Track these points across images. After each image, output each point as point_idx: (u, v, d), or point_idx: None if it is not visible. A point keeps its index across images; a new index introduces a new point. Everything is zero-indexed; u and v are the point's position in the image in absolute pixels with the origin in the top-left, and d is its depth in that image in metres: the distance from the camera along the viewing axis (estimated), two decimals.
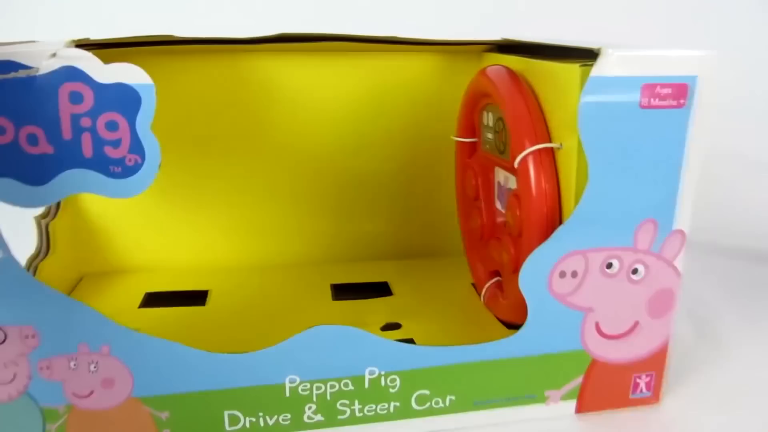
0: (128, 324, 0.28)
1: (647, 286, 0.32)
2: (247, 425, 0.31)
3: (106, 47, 0.32)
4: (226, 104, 0.43)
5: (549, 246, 0.30)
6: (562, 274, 0.31)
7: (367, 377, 0.31)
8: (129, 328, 0.28)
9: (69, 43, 0.26)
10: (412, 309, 0.41)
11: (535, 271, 0.31)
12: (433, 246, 0.49)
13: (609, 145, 0.29)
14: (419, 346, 0.31)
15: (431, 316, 0.40)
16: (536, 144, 0.32)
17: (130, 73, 0.25)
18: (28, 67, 0.25)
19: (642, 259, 0.32)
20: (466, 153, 0.43)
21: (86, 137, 0.26)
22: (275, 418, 0.31)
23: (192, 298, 0.42)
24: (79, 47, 0.26)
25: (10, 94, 0.25)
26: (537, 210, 0.32)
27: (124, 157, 0.26)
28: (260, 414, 0.31)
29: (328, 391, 0.31)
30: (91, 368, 0.28)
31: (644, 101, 0.29)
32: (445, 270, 0.47)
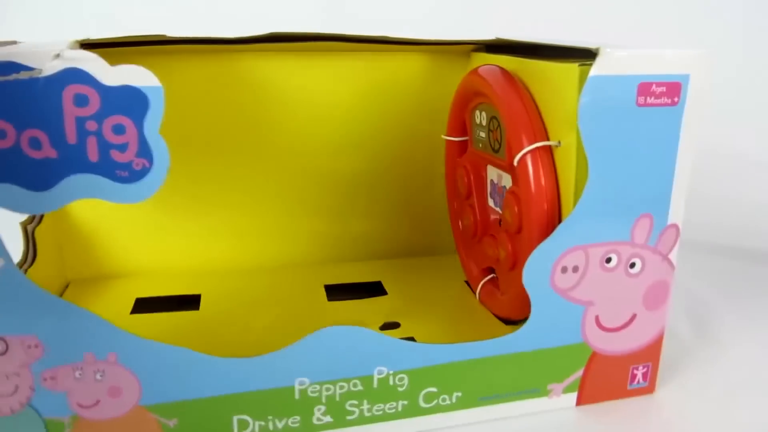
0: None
1: (644, 279, 0.33)
2: (257, 429, 0.30)
3: (97, 47, 0.32)
4: (215, 105, 0.42)
5: (551, 242, 0.31)
6: (564, 270, 0.32)
7: (375, 377, 0.31)
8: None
9: (74, 43, 0.25)
10: (408, 308, 0.41)
11: (538, 267, 0.31)
12: (424, 245, 0.49)
13: (608, 143, 0.30)
14: (427, 344, 0.31)
15: (428, 315, 0.40)
16: (534, 142, 0.33)
17: (137, 75, 0.25)
18: (31, 69, 0.24)
19: (639, 253, 0.33)
20: (456, 152, 0.44)
21: (92, 141, 0.25)
22: (284, 421, 0.31)
23: (184, 302, 0.41)
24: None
25: (11, 97, 0.24)
26: (537, 207, 0.33)
27: (132, 161, 0.25)
28: (269, 417, 0.30)
29: (338, 392, 0.31)
30: (98, 377, 0.28)
31: (640, 100, 0.30)
32: (437, 268, 0.47)
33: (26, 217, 0.40)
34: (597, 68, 0.29)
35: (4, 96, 0.24)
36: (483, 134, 0.39)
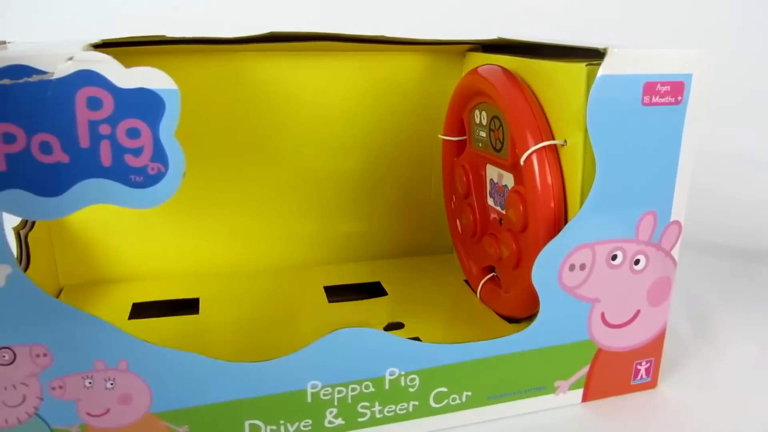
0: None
1: (647, 276, 0.34)
2: None
3: (97, 48, 0.31)
4: (213, 105, 0.42)
5: (560, 240, 0.31)
6: (572, 267, 0.32)
7: (387, 378, 0.31)
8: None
9: (87, 46, 0.25)
10: (410, 308, 0.41)
11: (547, 265, 0.32)
12: (421, 244, 0.49)
13: (614, 142, 0.31)
14: (438, 344, 0.31)
15: (430, 314, 0.40)
16: (540, 141, 0.33)
17: (152, 77, 0.24)
18: (42, 72, 0.23)
19: (643, 250, 0.33)
20: (453, 151, 0.44)
21: (105, 145, 0.24)
22: (296, 424, 0.30)
23: (183, 306, 0.41)
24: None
25: (21, 100, 0.24)
26: (544, 206, 0.33)
27: (146, 165, 0.25)
28: (281, 422, 0.30)
29: (349, 395, 0.31)
30: (108, 385, 0.27)
31: (646, 99, 0.31)
32: (435, 268, 0.47)
33: (19, 221, 0.38)
34: (605, 68, 0.29)
35: (15, 99, 0.23)
36: (483, 134, 0.40)
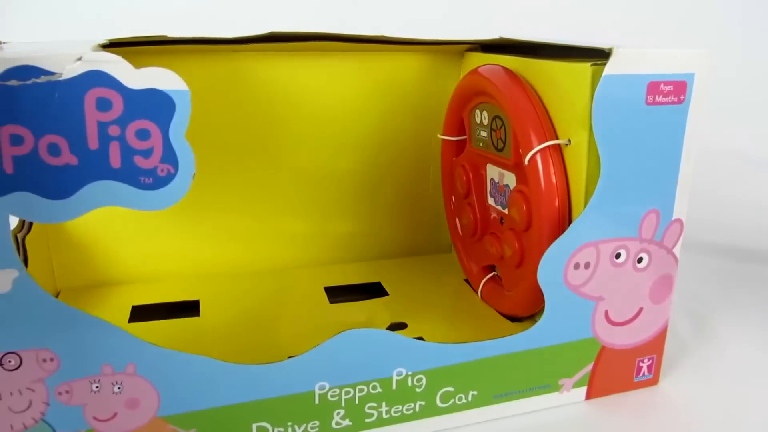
0: None
1: (650, 274, 0.34)
2: None
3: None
4: (212, 106, 0.41)
5: (565, 239, 0.32)
6: (577, 266, 0.32)
7: (395, 378, 0.31)
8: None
9: (96, 46, 0.25)
10: (411, 308, 0.41)
11: (553, 264, 0.32)
12: (420, 244, 0.49)
13: (619, 141, 0.31)
14: (445, 344, 0.31)
15: (432, 314, 0.40)
16: (544, 141, 0.33)
17: (162, 78, 0.24)
18: (51, 73, 0.23)
19: (646, 248, 0.33)
20: (453, 151, 0.44)
21: (114, 146, 0.24)
22: (303, 426, 0.30)
23: (183, 309, 0.40)
24: None
25: (28, 101, 0.23)
26: (548, 205, 0.33)
27: (156, 167, 0.25)
28: (289, 423, 0.30)
29: (357, 395, 0.31)
30: (116, 389, 0.27)
31: (649, 98, 0.31)
32: (434, 267, 0.47)
33: (16, 224, 0.38)
34: (610, 67, 0.30)
35: (22, 101, 0.23)
36: (484, 133, 0.40)
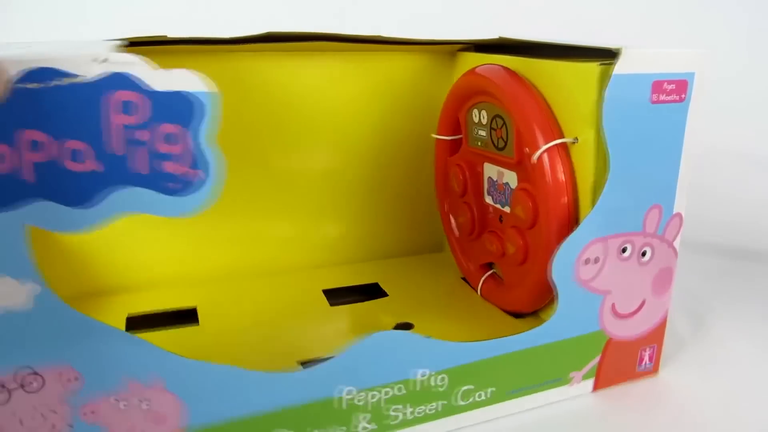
0: None
1: (653, 267, 0.35)
2: None
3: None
4: None
5: (577, 235, 0.32)
6: (587, 261, 0.33)
7: (418, 379, 0.31)
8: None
9: (120, 48, 0.23)
10: (413, 308, 0.41)
11: (565, 261, 0.32)
12: (413, 244, 0.49)
13: (626, 139, 0.32)
14: (466, 342, 0.32)
15: (436, 313, 0.40)
16: (551, 140, 0.34)
17: (192, 80, 0.23)
18: (73, 75, 0.22)
19: (649, 242, 0.35)
20: (447, 151, 0.44)
21: (141, 151, 0.23)
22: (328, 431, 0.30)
23: (181, 317, 0.39)
24: None
25: (49, 105, 0.22)
26: (556, 203, 0.34)
27: (185, 172, 0.24)
28: (315, 430, 0.30)
29: (382, 398, 0.30)
30: (143, 406, 0.26)
31: (654, 97, 0.32)
32: (429, 266, 0.47)
33: None
34: (618, 67, 0.30)
35: (42, 105, 0.22)
36: (483, 133, 0.40)
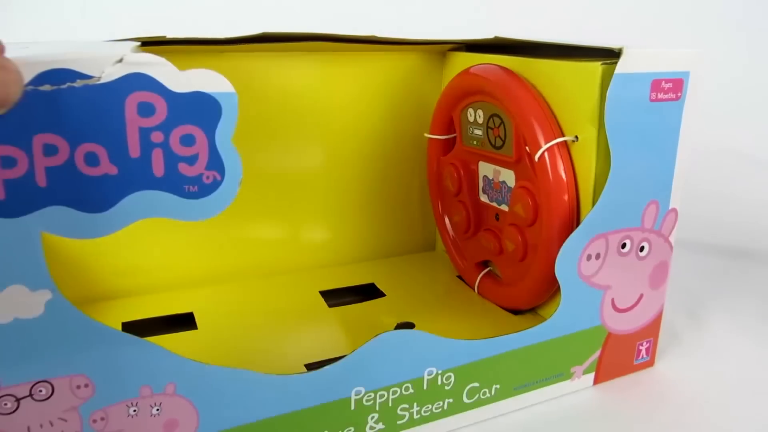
0: None
1: (650, 261, 0.36)
2: None
3: None
4: None
5: (580, 232, 0.33)
6: (589, 257, 0.34)
7: (426, 378, 0.31)
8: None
9: (136, 48, 0.23)
10: (412, 307, 0.41)
11: (569, 257, 0.33)
12: (406, 243, 0.49)
13: (626, 136, 0.32)
14: (471, 340, 0.32)
15: (435, 311, 0.40)
16: (552, 138, 0.34)
17: (208, 80, 0.23)
18: (88, 76, 0.21)
19: (647, 237, 0.35)
20: (441, 150, 0.44)
21: (157, 154, 0.23)
22: None
23: (178, 322, 0.39)
24: None
25: (63, 107, 0.21)
26: (558, 200, 0.34)
27: (202, 174, 0.23)
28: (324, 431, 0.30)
29: (390, 398, 0.30)
30: (154, 411, 0.25)
31: (652, 95, 0.33)
32: (423, 265, 0.48)
33: None
34: (620, 66, 0.31)
35: (57, 107, 0.21)
36: (479, 132, 0.40)
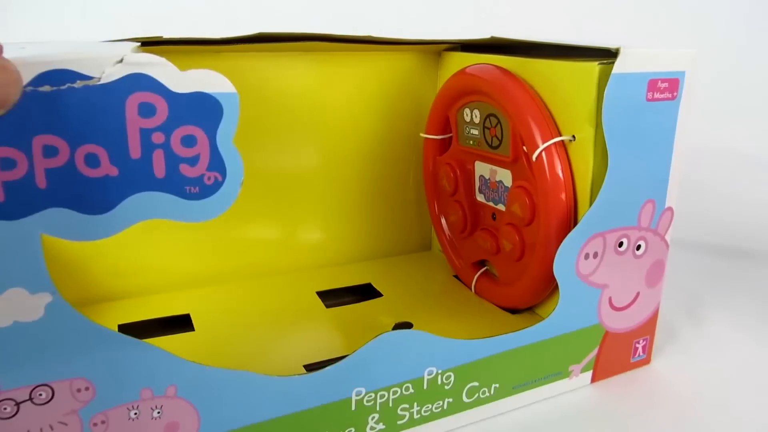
0: None
1: (646, 260, 0.36)
2: None
3: None
4: None
5: (578, 231, 0.33)
6: (587, 256, 0.34)
7: (426, 378, 0.31)
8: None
9: (136, 48, 0.23)
10: (409, 307, 0.41)
11: (567, 256, 0.33)
12: (402, 243, 0.49)
13: (624, 136, 0.33)
14: (471, 340, 0.32)
15: (432, 311, 0.40)
16: (549, 138, 0.34)
17: (209, 80, 0.23)
18: (88, 77, 0.21)
19: (644, 236, 0.35)
20: (436, 150, 0.44)
21: (158, 155, 0.23)
22: None
23: (174, 324, 0.38)
24: None
25: (63, 108, 0.21)
26: (555, 199, 0.34)
27: (203, 175, 0.23)
28: None
29: (391, 398, 0.30)
30: (155, 414, 0.25)
31: (649, 95, 0.33)
32: (419, 265, 0.48)
33: None
34: (617, 66, 0.31)
35: (56, 108, 0.21)
36: (476, 132, 0.40)
